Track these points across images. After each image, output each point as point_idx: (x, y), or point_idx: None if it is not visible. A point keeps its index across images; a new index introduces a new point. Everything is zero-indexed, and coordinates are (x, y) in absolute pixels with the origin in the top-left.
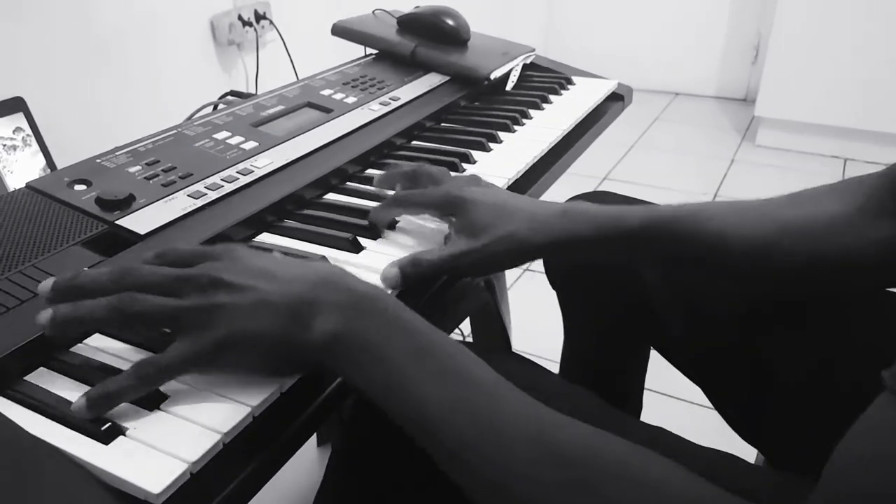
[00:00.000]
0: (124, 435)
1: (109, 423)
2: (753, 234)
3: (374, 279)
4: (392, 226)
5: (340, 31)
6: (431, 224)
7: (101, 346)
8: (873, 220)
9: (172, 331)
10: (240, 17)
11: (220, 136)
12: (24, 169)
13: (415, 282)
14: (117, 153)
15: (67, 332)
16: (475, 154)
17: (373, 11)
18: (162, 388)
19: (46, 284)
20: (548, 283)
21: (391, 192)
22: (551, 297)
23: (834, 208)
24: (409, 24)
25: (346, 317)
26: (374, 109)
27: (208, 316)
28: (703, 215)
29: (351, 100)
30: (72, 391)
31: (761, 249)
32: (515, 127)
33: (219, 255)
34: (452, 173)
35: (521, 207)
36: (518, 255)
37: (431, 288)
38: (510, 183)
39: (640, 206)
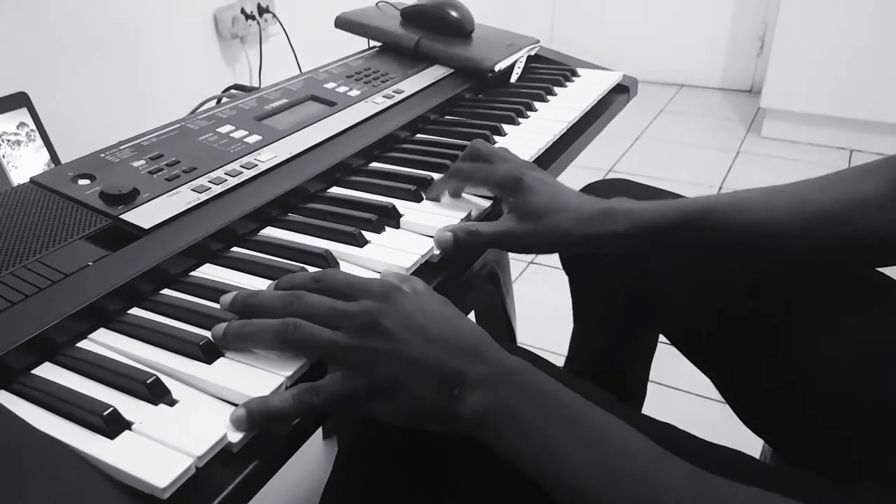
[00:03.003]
0: (130, 429)
1: (114, 418)
2: (787, 220)
3: (376, 276)
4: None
5: (344, 23)
6: (437, 218)
7: (107, 342)
8: None
9: (327, 363)
10: (243, 11)
11: (224, 129)
12: (28, 164)
13: (465, 249)
14: (121, 147)
15: (235, 348)
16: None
17: (376, 3)
18: (167, 383)
19: (227, 298)
20: (551, 277)
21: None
22: (556, 290)
23: (865, 189)
24: (413, 16)
25: (494, 393)
26: (378, 102)
27: (362, 360)
28: (736, 206)
29: (354, 93)
30: (77, 386)
31: (795, 235)
32: (520, 119)
33: (377, 296)
34: None
35: (570, 202)
36: (559, 245)
37: (437, 279)
38: None
39: (676, 200)
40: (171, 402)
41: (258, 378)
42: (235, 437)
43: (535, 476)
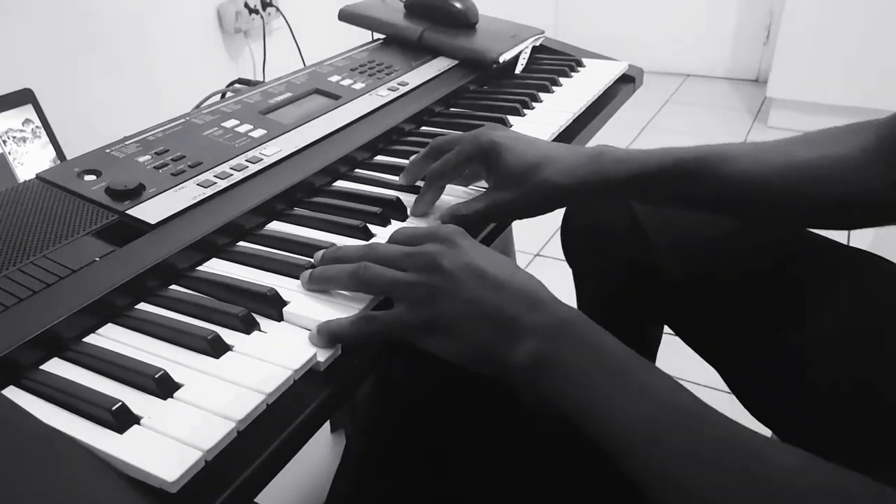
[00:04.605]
0: (139, 424)
1: (123, 412)
2: (773, 175)
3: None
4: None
5: (347, 16)
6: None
7: (115, 337)
8: (888, 159)
9: (393, 298)
10: (246, 5)
11: (229, 124)
12: (34, 160)
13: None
14: (126, 143)
15: (319, 289)
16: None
17: None
18: (175, 377)
19: (318, 254)
20: (557, 269)
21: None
22: (561, 283)
23: (850, 148)
24: (417, 7)
25: (547, 341)
26: (383, 95)
27: (422, 294)
28: (725, 156)
29: (359, 86)
30: (86, 381)
31: (783, 189)
32: (525, 111)
33: (441, 239)
34: None
35: (553, 153)
36: (552, 200)
37: None
38: None
39: (665, 148)
40: (180, 397)
41: (265, 372)
42: (243, 411)
43: (581, 425)
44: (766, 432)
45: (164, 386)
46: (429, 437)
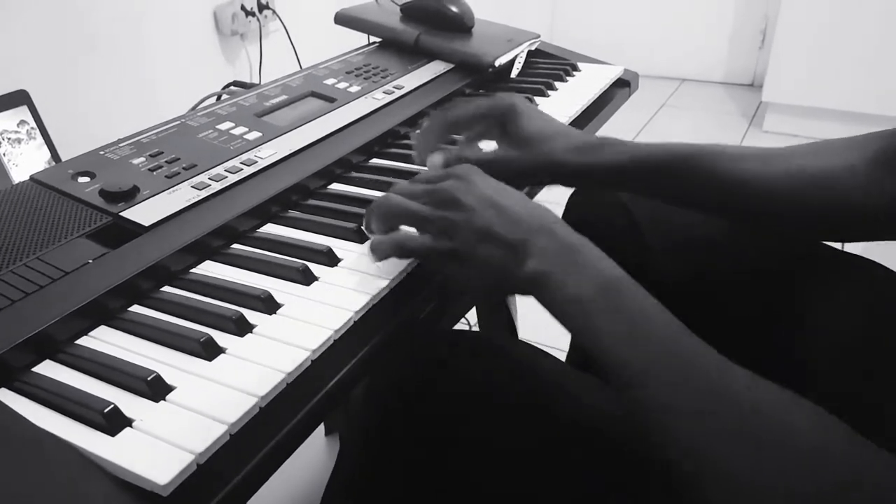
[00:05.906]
0: (131, 426)
1: (115, 415)
2: (775, 180)
3: (377, 267)
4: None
5: (343, 19)
6: None
7: (108, 339)
8: (888, 171)
9: (417, 229)
10: (243, 7)
11: (224, 126)
12: (28, 162)
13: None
14: (121, 145)
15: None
16: (481, 142)
17: None
18: (168, 380)
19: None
20: None
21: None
22: None
23: (853, 160)
24: (413, 11)
25: (552, 263)
26: (378, 98)
27: (443, 226)
28: (726, 156)
29: (354, 89)
30: (78, 383)
31: (781, 195)
32: None
33: (459, 176)
34: None
35: (563, 131)
36: (552, 172)
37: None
38: None
39: (670, 143)
40: (173, 399)
41: (258, 374)
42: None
43: (577, 340)
44: None
45: (156, 388)
46: (423, 442)
